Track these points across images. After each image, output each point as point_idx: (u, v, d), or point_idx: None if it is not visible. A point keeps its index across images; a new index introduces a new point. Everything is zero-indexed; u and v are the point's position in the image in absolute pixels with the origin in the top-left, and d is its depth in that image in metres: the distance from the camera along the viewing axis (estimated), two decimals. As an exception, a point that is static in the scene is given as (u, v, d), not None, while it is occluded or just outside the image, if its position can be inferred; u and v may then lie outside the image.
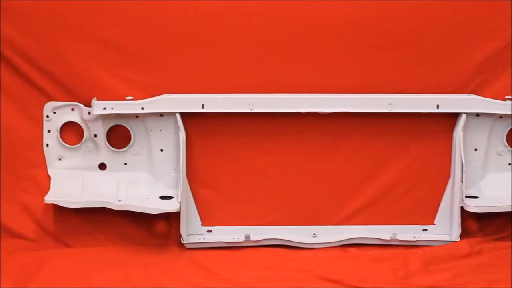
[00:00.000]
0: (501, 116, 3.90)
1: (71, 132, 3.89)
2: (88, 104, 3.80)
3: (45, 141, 3.88)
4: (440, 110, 3.85)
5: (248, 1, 3.80)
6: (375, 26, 3.82)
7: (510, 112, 3.86)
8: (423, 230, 3.97)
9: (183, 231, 3.81)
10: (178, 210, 3.75)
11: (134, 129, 3.87)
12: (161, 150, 3.87)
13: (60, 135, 3.87)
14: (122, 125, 3.86)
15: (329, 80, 3.86)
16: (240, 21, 3.80)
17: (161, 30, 3.79)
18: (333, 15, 3.80)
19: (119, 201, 3.76)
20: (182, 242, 3.82)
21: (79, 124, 3.87)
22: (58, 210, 3.80)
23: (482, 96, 3.88)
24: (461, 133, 3.85)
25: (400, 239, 3.89)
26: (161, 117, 3.84)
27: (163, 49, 3.82)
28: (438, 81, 3.89)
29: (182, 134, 3.79)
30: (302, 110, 3.81)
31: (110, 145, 3.88)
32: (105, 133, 3.86)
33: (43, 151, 3.88)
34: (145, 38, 3.80)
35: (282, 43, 3.83)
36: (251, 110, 3.80)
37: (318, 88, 3.86)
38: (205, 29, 3.80)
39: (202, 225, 3.92)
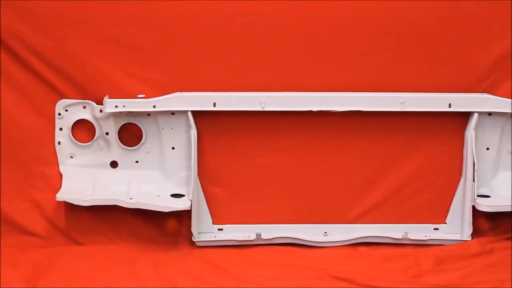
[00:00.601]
0: (513, 115, 3.91)
1: (83, 130, 3.90)
2: (100, 102, 3.80)
3: (57, 138, 3.88)
4: (452, 109, 3.84)
5: (260, 0, 3.80)
6: (387, 24, 3.82)
7: (522, 111, 3.86)
8: (435, 229, 3.96)
9: (194, 229, 3.81)
10: (189, 208, 3.76)
11: (146, 127, 3.87)
12: (173, 148, 3.88)
13: (72, 133, 3.88)
14: (134, 123, 3.87)
15: (341, 79, 3.86)
16: (252, 20, 3.80)
17: (172, 29, 3.79)
18: (345, 14, 3.80)
19: (130, 199, 3.76)
20: (193, 240, 3.82)
21: (90, 122, 3.87)
22: (70, 207, 3.80)
23: (495, 95, 3.87)
24: (473, 132, 3.84)
25: (411, 238, 3.88)
26: (172, 115, 3.84)
27: (174, 47, 3.82)
28: (451, 80, 3.88)
29: (194, 132, 3.79)
30: (314, 109, 3.81)
31: (122, 143, 3.89)
32: (117, 131, 3.87)
33: (54, 148, 3.89)
34: (157, 36, 3.81)
35: (294, 42, 3.83)
36: (262, 108, 3.80)
37: (330, 86, 3.85)
38: (217, 28, 3.80)
39: (213, 223, 3.91)
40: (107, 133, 3.87)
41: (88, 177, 3.87)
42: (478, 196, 3.87)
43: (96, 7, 3.76)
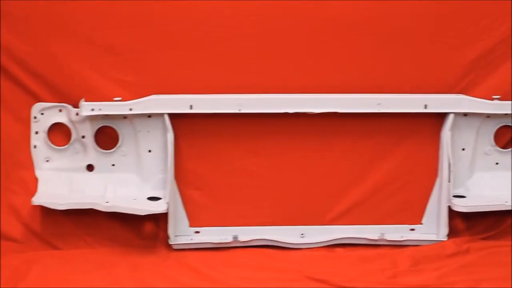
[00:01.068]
0: (488, 116, 3.91)
1: (59, 134, 3.89)
2: (76, 105, 3.79)
3: (33, 142, 3.87)
4: (428, 110, 3.85)
5: (237, 2, 3.80)
6: (363, 25, 3.83)
7: (497, 112, 3.87)
8: (411, 229, 3.97)
9: (170, 232, 3.80)
10: (165, 211, 3.74)
11: (122, 130, 3.86)
12: (149, 151, 3.87)
13: (48, 136, 3.87)
14: (110, 126, 3.86)
15: (317, 80, 3.86)
16: (229, 22, 3.80)
17: (149, 31, 3.79)
18: (319, 15, 3.80)
19: (107, 202, 3.74)
20: (170, 243, 3.82)
21: (67, 125, 3.86)
22: (46, 211, 3.78)
23: (471, 95, 3.88)
24: (449, 133, 3.86)
25: (387, 239, 3.89)
26: (149, 118, 3.83)
27: (151, 50, 3.82)
28: (427, 81, 3.89)
29: (170, 135, 3.79)
30: (290, 111, 3.81)
31: (98, 146, 3.88)
32: (93, 134, 3.86)
33: (31, 152, 3.88)
34: (133, 39, 3.80)
35: (270, 44, 3.83)
36: (239, 110, 3.80)
37: (306, 88, 3.86)
38: (194, 30, 3.80)
39: (189, 226, 3.91)
40: (83, 137, 3.85)
41: (64, 180, 3.85)
42: (454, 196, 3.88)
43: (72, 10, 3.75)
